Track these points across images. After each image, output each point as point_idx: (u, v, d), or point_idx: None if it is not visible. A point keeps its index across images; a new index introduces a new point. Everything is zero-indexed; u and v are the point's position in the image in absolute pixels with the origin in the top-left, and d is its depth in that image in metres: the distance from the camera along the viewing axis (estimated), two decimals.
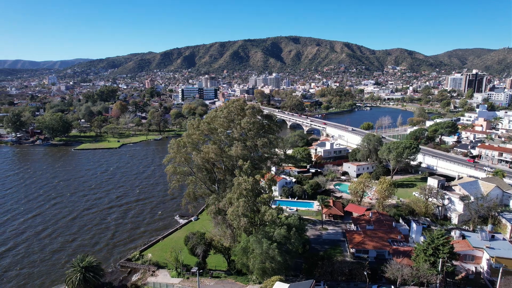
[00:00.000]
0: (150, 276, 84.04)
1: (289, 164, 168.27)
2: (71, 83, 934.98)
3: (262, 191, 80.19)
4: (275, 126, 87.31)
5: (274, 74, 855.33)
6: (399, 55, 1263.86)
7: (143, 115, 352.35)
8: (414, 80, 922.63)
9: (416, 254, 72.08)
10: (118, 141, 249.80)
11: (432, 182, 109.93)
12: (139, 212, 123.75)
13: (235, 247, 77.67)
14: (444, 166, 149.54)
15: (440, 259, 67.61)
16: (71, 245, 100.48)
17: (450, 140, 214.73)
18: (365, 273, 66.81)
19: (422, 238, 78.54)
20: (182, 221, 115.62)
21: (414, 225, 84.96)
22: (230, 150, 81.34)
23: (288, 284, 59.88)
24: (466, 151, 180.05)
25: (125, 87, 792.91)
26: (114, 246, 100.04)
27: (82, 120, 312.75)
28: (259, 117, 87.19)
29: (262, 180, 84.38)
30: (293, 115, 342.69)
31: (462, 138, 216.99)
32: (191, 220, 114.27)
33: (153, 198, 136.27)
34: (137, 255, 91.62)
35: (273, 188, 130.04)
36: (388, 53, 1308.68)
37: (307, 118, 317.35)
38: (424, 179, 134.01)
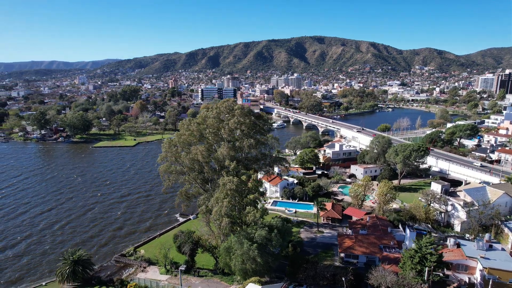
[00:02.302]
0: (141, 272, 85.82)
1: (296, 165, 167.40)
2: (99, 82, 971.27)
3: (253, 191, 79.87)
4: (265, 127, 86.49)
5: (295, 75, 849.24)
6: (428, 55, 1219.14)
7: (162, 114, 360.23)
8: (443, 81, 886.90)
9: (403, 262, 69.35)
10: (135, 140, 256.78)
11: (436, 187, 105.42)
12: (147, 208, 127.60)
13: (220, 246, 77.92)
14: (456, 171, 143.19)
15: (426, 268, 64.75)
16: (80, 238, 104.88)
17: (470, 143, 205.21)
18: (343, 279, 64.97)
19: (413, 245, 75.36)
20: (181, 219, 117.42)
21: (408, 231, 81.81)
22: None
23: (261, 286, 59.23)
24: (484, 155, 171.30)
25: (149, 86, 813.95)
26: (117, 241, 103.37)
27: (103, 119, 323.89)
28: (252, 117, 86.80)
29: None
30: (312, 115, 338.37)
31: (483, 141, 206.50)
32: (190, 219, 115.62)
33: (162, 195, 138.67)
34: (131, 251, 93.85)
35: (274, 189, 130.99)
36: (416, 53, 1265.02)
37: (324, 119, 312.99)
38: None
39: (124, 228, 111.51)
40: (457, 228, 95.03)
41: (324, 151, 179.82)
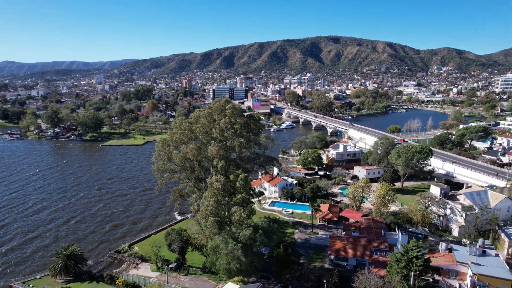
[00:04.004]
0: (133, 269, 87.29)
1: (299, 166, 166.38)
2: (115, 82, 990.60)
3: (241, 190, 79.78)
4: (256, 127, 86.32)
5: (308, 75, 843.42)
6: (446, 55, 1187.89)
7: (173, 114, 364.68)
8: (461, 82, 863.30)
9: (390, 265, 68.00)
10: (144, 138, 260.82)
11: (435, 190, 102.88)
12: (151, 206, 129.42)
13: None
14: (462, 173, 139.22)
15: (412, 272, 63.29)
16: (83, 233, 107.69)
17: (482, 145, 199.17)
18: (324, 281, 64.23)
19: (401, 248, 73.74)
20: (179, 218, 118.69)
21: (399, 234, 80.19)
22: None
23: (239, 286, 59.30)
24: (495, 158, 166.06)
25: (163, 86, 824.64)
26: (118, 237, 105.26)
27: (116, 118, 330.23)
28: (243, 117, 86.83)
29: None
30: (321, 116, 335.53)
31: (495, 144, 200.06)
32: (187, 217, 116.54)
33: (166, 194, 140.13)
34: (126, 248, 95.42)
35: (273, 189, 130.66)
36: (434, 53, 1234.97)
37: (332, 119, 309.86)
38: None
39: (126, 225, 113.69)
40: (455, 232, 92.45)
41: (328, 151, 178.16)
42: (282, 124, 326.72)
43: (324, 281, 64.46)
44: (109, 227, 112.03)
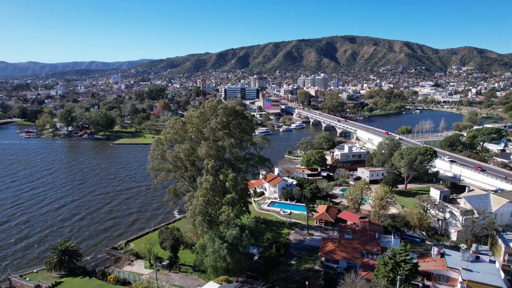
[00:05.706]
0: (127, 265, 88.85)
1: (302, 166, 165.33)
2: (131, 82, 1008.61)
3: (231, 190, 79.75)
4: (248, 126, 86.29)
5: (322, 75, 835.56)
6: (466, 54, 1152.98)
7: (184, 113, 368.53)
8: (482, 82, 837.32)
9: (377, 268, 66.79)
10: (153, 137, 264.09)
11: (434, 193, 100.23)
12: (158, 204, 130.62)
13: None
14: (470, 176, 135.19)
15: (398, 277, 61.96)
16: (92, 230, 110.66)
17: (495, 148, 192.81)
18: (306, 283, 63.60)
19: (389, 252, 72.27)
20: (178, 216, 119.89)
21: (392, 237, 78.65)
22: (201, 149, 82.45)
23: (219, 285, 59.51)
24: (507, 161, 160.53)
25: (178, 86, 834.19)
26: (121, 234, 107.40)
27: (128, 117, 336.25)
28: (236, 117, 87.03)
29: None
30: (331, 116, 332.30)
31: (509, 146, 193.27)
32: (185, 216, 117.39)
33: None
34: (123, 245, 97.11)
35: (273, 189, 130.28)
36: (454, 52, 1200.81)
37: (345, 120, 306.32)
38: None
39: (127, 222, 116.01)
40: (453, 237, 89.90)
41: (333, 152, 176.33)
42: (292, 125, 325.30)
43: (307, 283, 63.86)
44: (112, 224, 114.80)
